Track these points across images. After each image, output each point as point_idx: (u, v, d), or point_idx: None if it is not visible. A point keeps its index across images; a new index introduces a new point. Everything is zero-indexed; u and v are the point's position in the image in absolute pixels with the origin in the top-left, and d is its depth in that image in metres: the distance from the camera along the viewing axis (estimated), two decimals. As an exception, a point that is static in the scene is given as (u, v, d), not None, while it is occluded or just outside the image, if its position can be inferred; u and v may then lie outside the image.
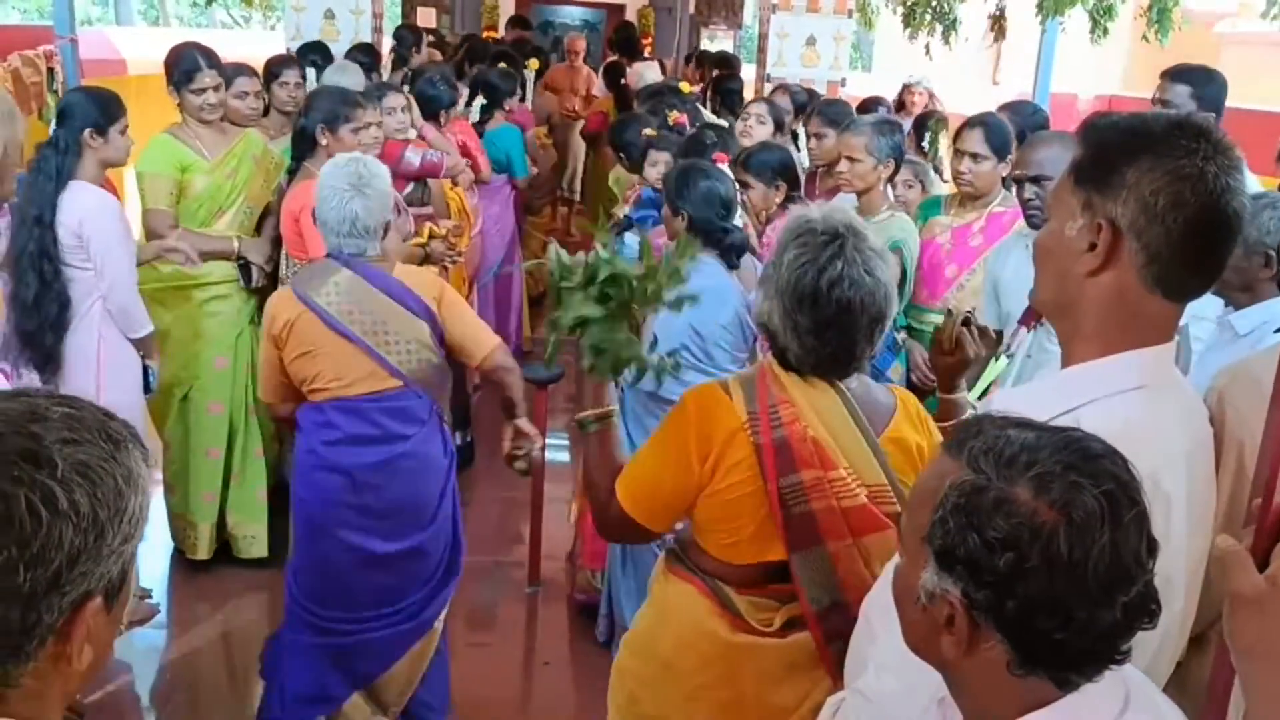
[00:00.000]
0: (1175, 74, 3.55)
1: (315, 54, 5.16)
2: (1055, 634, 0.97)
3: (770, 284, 1.82)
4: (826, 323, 1.75)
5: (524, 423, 2.82)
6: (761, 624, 1.87)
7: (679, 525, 1.99)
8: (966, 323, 1.95)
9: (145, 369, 3.42)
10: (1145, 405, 1.26)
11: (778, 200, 3.60)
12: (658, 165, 4.06)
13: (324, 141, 3.57)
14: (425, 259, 3.80)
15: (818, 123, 4.27)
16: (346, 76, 4.73)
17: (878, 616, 1.29)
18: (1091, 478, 0.98)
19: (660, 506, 1.89)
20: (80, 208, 3.14)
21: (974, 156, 3.35)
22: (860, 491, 1.78)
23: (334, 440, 2.71)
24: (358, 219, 2.66)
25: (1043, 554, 0.96)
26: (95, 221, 3.15)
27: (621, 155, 4.68)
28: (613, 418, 1.97)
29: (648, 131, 4.34)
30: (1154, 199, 1.21)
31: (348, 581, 2.75)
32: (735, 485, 1.80)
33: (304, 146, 3.63)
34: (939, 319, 3.44)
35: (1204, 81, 3.56)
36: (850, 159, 3.45)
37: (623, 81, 7.92)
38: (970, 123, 3.44)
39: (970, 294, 3.40)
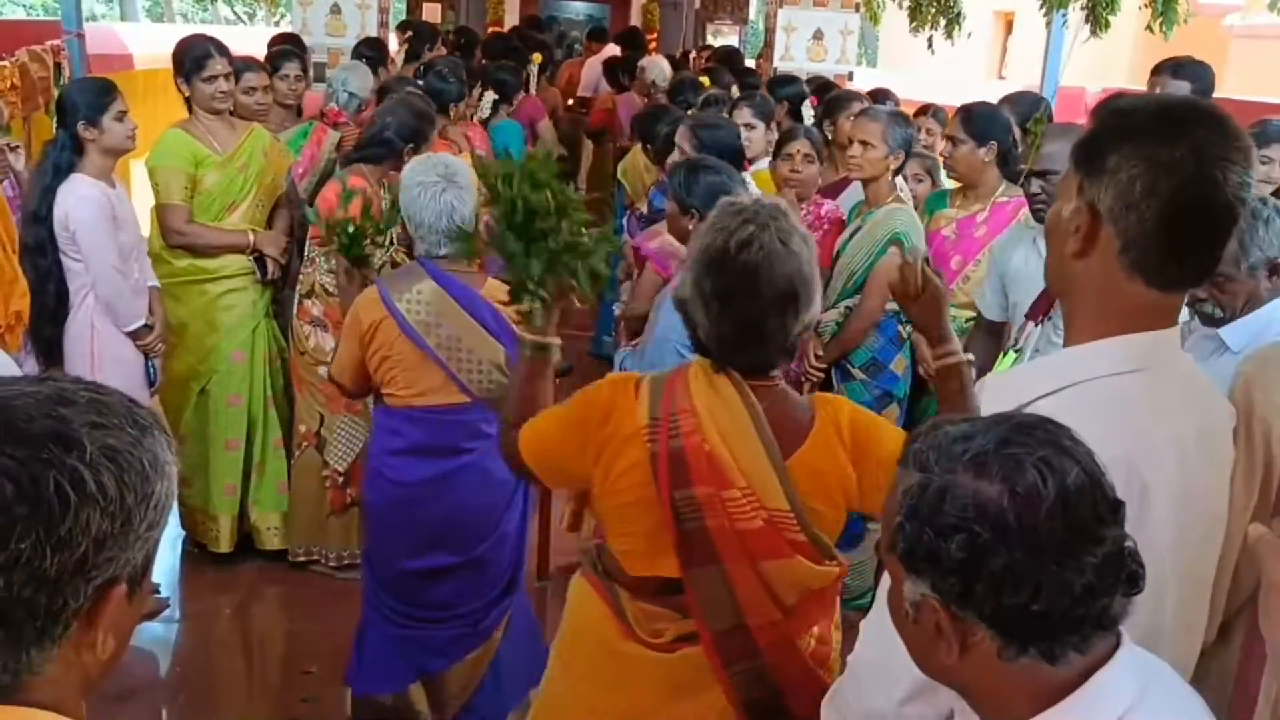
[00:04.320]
0: (1174, 69, 3.63)
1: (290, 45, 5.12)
2: (1030, 605, 0.98)
3: (687, 259, 1.76)
4: (731, 288, 1.66)
5: None
6: (650, 635, 1.78)
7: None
8: (926, 261, 1.85)
9: (147, 363, 3.45)
10: (1132, 389, 1.26)
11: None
12: None
13: (406, 159, 3.45)
14: None
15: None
16: (355, 75, 4.73)
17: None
18: (1025, 446, 1.00)
19: (552, 470, 1.90)
20: (68, 201, 3.21)
21: (953, 140, 3.42)
22: (757, 516, 1.67)
23: (398, 450, 2.71)
24: (454, 210, 2.61)
25: (993, 528, 0.97)
26: (77, 213, 3.21)
27: (648, 147, 4.65)
28: (549, 354, 1.91)
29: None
30: (1131, 185, 1.21)
31: (409, 583, 2.76)
32: (627, 490, 1.72)
33: (379, 152, 3.52)
34: (969, 315, 3.51)
35: (1205, 76, 3.65)
36: (865, 143, 3.44)
37: (621, 76, 7.94)
38: (934, 114, 3.56)
39: (976, 284, 3.41)
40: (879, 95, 5.15)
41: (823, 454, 1.72)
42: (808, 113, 4.84)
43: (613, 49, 8.93)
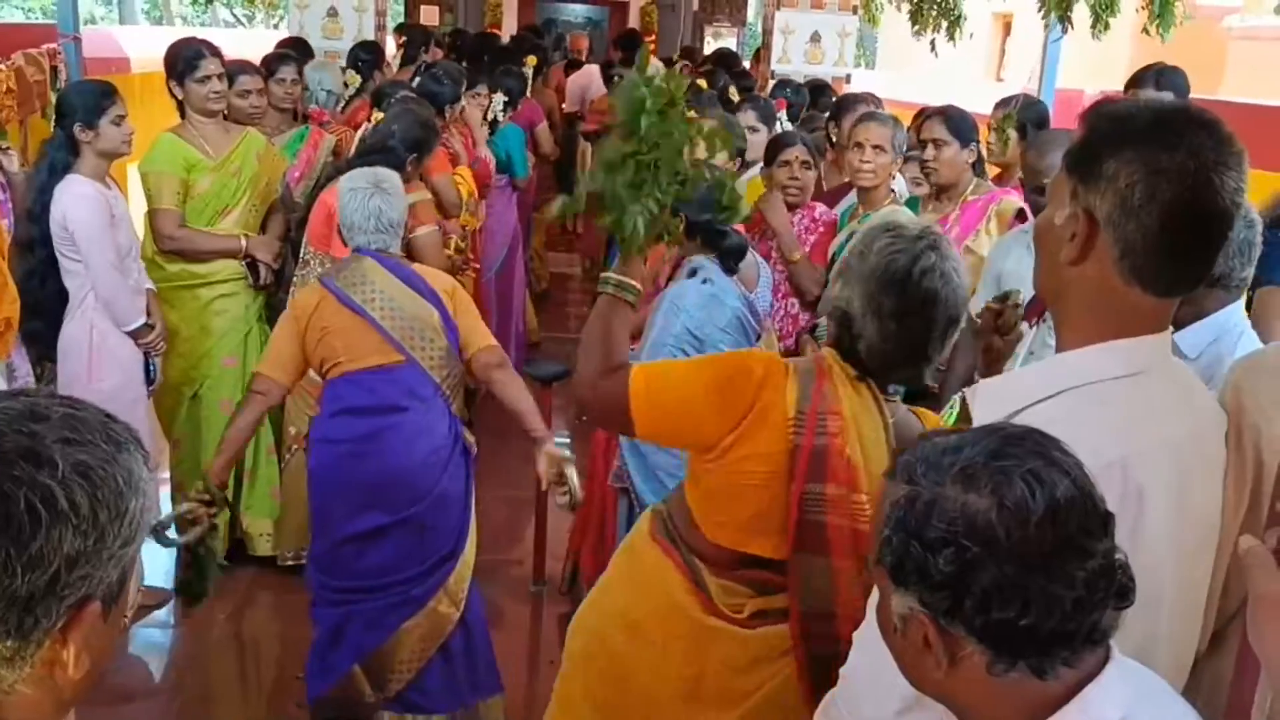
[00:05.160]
0: (1157, 79, 3.72)
1: (294, 50, 5.13)
2: (1019, 620, 0.97)
3: (853, 271, 1.79)
4: (910, 310, 1.74)
5: (553, 447, 2.79)
6: (730, 609, 1.86)
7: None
8: (1015, 304, 1.95)
9: (148, 361, 3.46)
10: (1126, 393, 1.25)
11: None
12: None
13: (409, 169, 3.56)
14: (451, 269, 3.87)
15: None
16: (328, 73, 4.74)
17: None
18: (1015, 459, 0.99)
19: (666, 421, 1.83)
20: (64, 200, 3.23)
21: (936, 144, 3.41)
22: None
23: (335, 411, 2.84)
24: (381, 213, 2.85)
25: (982, 542, 0.96)
26: (75, 212, 3.23)
27: None
28: (632, 295, 1.88)
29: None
30: (1129, 192, 1.20)
31: (347, 552, 2.83)
32: (748, 473, 1.77)
33: (381, 159, 3.51)
34: None
35: (1184, 84, 3.75)
36: (878, 148, 3.43)
37: (616, 79, 7.93)
38: (929, 113, 3.56)
39: None
40: (862, 98, 5.13)
41: None
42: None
43: (590, 71, 8.98)
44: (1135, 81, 3.92)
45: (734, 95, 5.30)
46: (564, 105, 8.67)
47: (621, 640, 1.98)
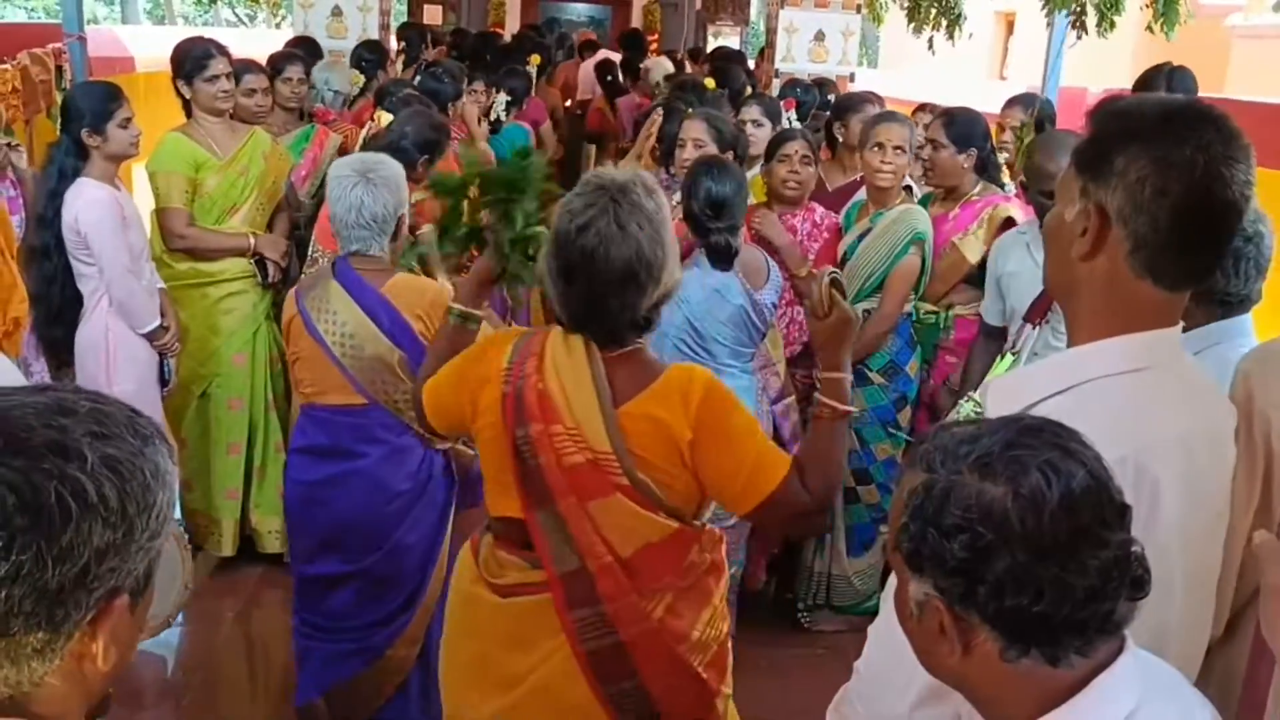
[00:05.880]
0: (1168, 82, 3.78)
1: (302, 49, 5.14)
2: (1032, 607, 0.98)
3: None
4: (571, 268, 1.78)
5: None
6: (491, 575, 1.91)
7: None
8: (834, 284, 1.81)
9: (163, 362, 3.47)
10: (1137, 387, 1.26)
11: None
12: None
13: (420, 170, 3.52)
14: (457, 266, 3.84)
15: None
16: (335, 73, 4.74)
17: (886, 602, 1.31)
18: (1031, 449, 1.00)
19: (439, 409, 1.99)
20: (77, 205, 3.23)
21: (934, 144, 3.49)
22: (581, 454, 1.78)
23: (299, 447, 2.76)
24: (363, 205, 2.59)
25: (996, 530, 0.98)
26: (87, 215, 3.23)
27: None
28: (472, 324, 2.11)
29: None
30: (1140, 187, 1.22)
31: (313, 589, 2.78)
32: (485, 427, 1.87)
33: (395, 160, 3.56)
34: (928, 308, 3.52)
35: (1194, 85, 3.79)
36: (898, 149, 3.44)
37: (609, 78, 7.94)
38: (937, 113, 3.68)
39: (937, 279, 3.50)
40: (864, 98, 5.13)
41: (659, 404, 1.80)
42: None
43: (602, 55, 8.98)
44: (1145, 82, 3.92)
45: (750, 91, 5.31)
46: (571, 101, 8.66)
47: (446, 626, 2.04)
